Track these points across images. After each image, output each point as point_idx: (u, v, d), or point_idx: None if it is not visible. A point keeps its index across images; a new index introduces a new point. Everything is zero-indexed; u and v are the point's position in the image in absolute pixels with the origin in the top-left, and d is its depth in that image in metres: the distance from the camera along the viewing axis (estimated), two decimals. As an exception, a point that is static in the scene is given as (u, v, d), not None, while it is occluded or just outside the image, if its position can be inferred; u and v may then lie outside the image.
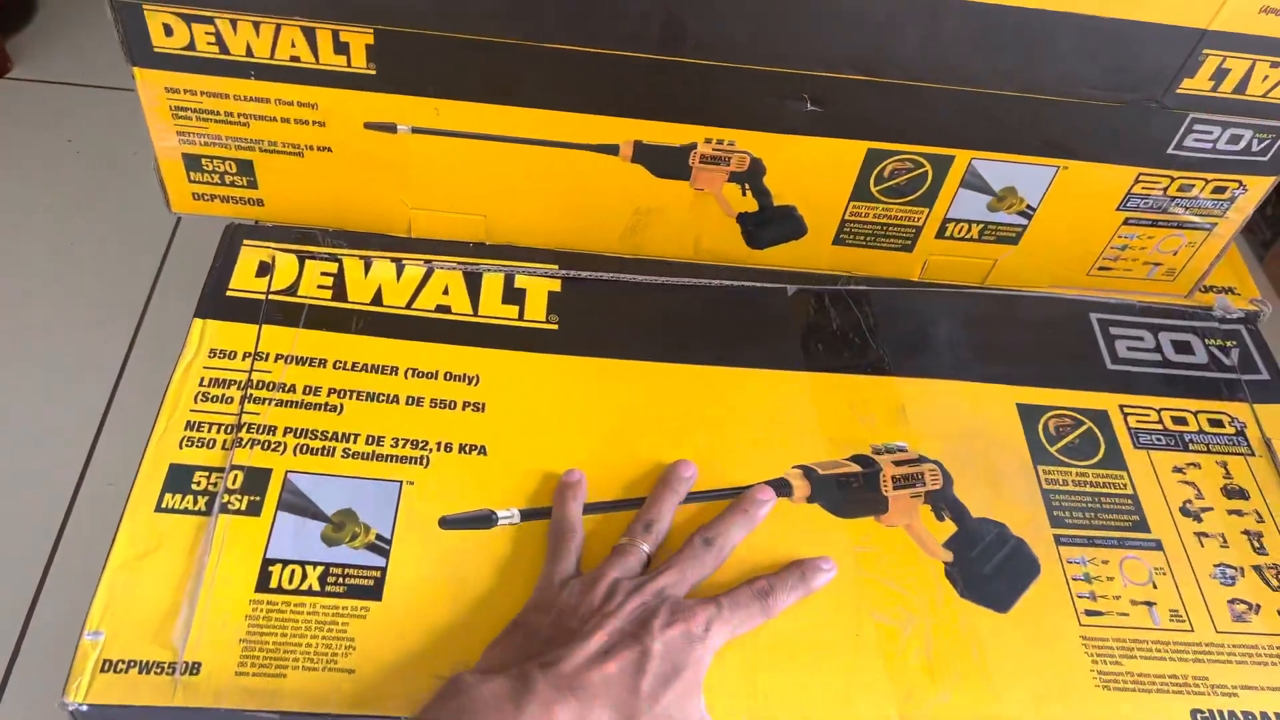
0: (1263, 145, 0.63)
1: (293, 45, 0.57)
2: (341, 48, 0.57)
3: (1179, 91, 0.59)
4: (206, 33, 0.56)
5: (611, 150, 0.62)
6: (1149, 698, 0.52)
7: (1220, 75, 0.58)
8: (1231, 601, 0.56)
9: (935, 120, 0.61)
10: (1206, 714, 0.52)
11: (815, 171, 0.64)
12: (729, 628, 0.49)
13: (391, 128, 0.61)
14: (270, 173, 0.64)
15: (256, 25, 0.56)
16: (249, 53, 0.57)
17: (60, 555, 0.64)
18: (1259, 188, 0.65)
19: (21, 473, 0.69)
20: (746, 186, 0.65)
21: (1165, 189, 0.65)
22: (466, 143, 0.62)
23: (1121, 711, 0.51)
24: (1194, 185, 0.65)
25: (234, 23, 0.56)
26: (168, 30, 0.56)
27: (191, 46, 0.57)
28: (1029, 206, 0.66)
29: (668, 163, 0.63)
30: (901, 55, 0.57)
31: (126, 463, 0.54)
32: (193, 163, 0.63)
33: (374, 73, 0.58)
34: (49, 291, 0.79)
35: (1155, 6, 0.54)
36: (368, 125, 0.61)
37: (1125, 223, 0.67)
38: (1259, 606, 0.56)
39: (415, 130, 0.61)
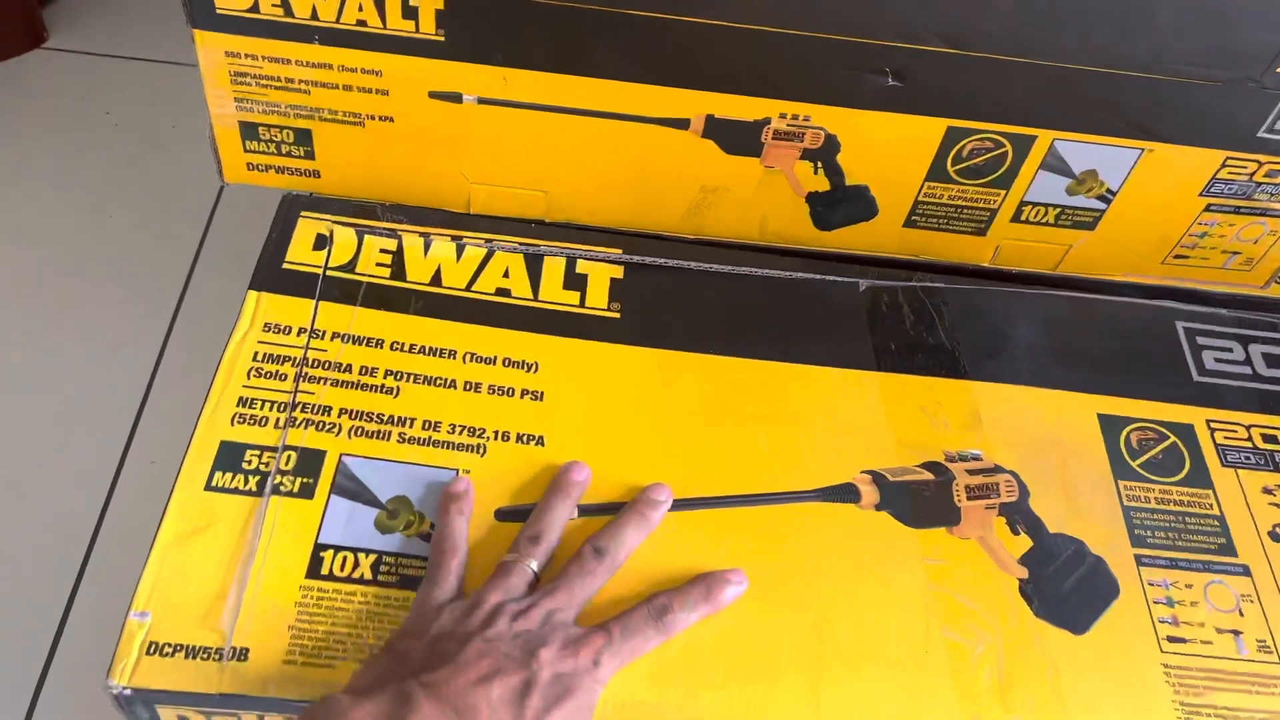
0: (1356, 130, 0.59)
1: (360, 9, 0.55)
2: (410, 12, 0.55)
3: (1279, 71, 0.55)
4: (272, -7, 0.55)
5: (682, 125, 0.60)
6: (1234, 733, 0.49)
7: None
8: (1323, 634, 0.53)
9: (1019, 98, 0.58)
10: (1294, 753, 0.49)
11: (891, 150, 0.61)
12: (620, 658, 0.46)
13: (457, 98, 0.59)
14: (329, 143, 0.62)
15: (324, -13, 0.54)
16: (314, 16, 0.56)
17: (103, 532, 0.63)
18: (1347, 173, 0.62)
19: (64, 448, 0.69)
20: (819, 164, 0.62)
21: (1252, 174, 0.62)
22: (532, 115, 0.60)
23: (1204, 746, 0.49)
24: (1281, 170, 0.62)
25: (300, -18, 0.54)
26: (233, -10, 0.55)
27: (255, 9, 0.56)
28: (1109, 190, 0.63)
29: (739, 138, 0.61)
30: (990, 27, 0.54)
31: (168, 441, 0.53)
32: (249, 131, 0.62)
33: (442, 39, 0.57)
34: (90, 265, 0.78)
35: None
36: (433, 95, 0.59)
37: (1207, 209, 0.64)
38: (1352, 641, 0.53)
39: (481, 101, 0.59)
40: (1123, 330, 0.65)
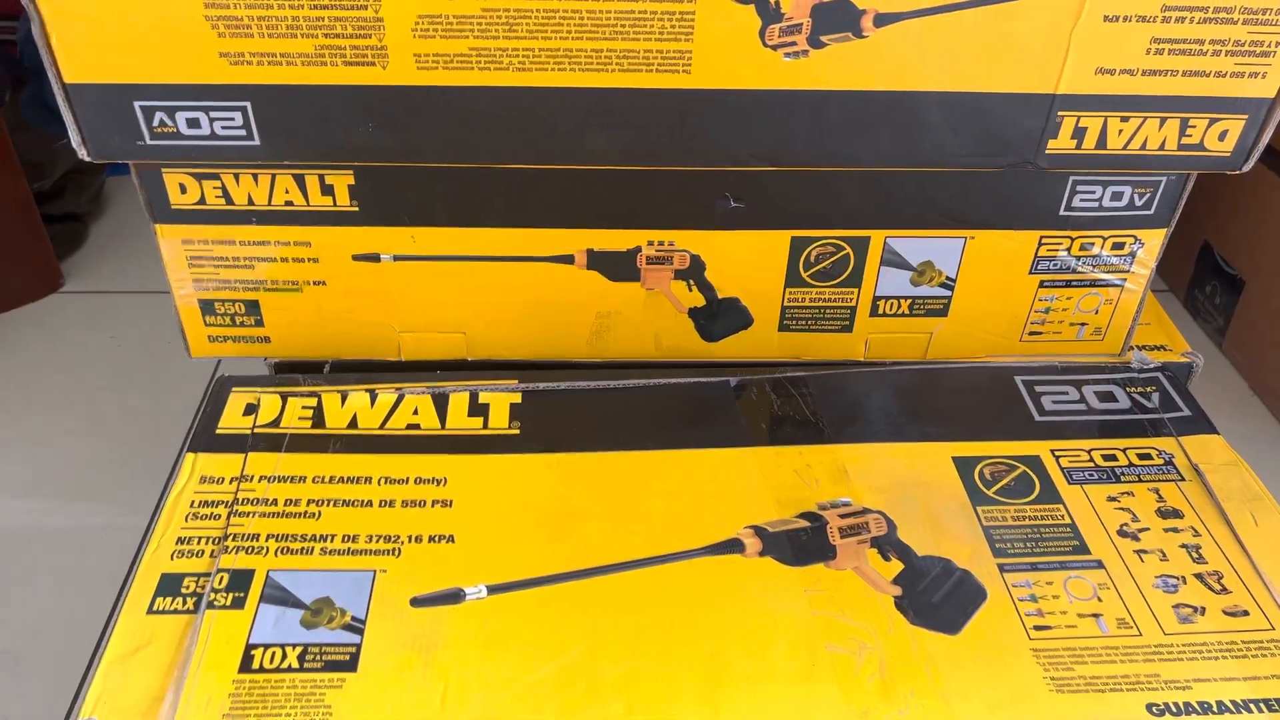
0: (1144, 199, 0.70)
1: (286, 191, 0.66)
2: (327, 189, 0.66)
3: (1049, 153, 0.65)
4: (214, 187, 0.66)
5: (568, 260, 0.70)
6: (1104, 697, 0.53)
7: (1080, 134, 0.64)
8: (1176, 606, 0.58)
9: (844, 203, 0.69)
10: (1162, 707, 0.53)
11: (749, 262, 0.71)
12: None
13: (375, 258, 0.70)
14: (274, 310, 0.72)
15: (255, 176, 0.66)
16: (250, 201, 0.67)
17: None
18: (1154, 240, 0.72)
19: (58, 616, 0.75)
20: (691, 282, 0.72)
21: (1068, 249, 0.72)
22: (442, 265, 0.70)
23: (1078, 711, 0.53)
24: (1093, 243, 0.72)
25: (237, 175, 0.66)
26: (183, 188, 0.66)
27: (202, 201, 0.67)
28: (949, 278, 0.73)
29: (618, 266, 0.71)
30: (797, 145, 0.64)
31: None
32: (207, 307, 0.72)
33: (357, 209, 0.67)
34: (88, 460, 0.88)
35: (1003, 78, 0.62)
36: (355, 257, 0.70)
37: (1041, 285, 0.74)
38: (1204, 609, 0.58)
39: (396, 258, 0.70)
40: (967, 389, 0.73)
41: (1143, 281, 0.74)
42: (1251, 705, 0.53)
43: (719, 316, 0.74)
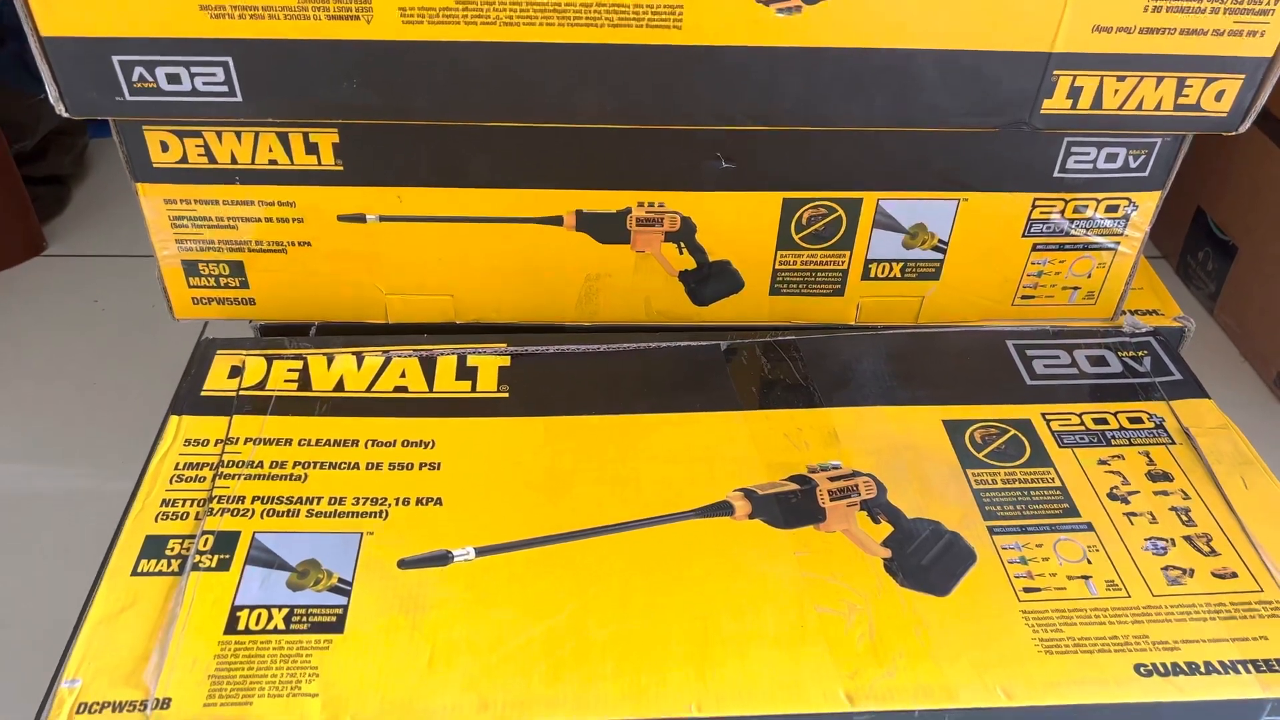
0: (1139, 161, 0.69)
1: (270, 150, 0.65)
2: (311, 148, 0.65)
3: (1044, 112, 0.64)
4: (196, 145, 0.65)
5: (556, 221, 0.70)
6: (1092, 658, 0.53)
7: (1075, 93, 0.64)
8: (1165, 569, 0.58)
9: (836, 164, 0.68)
10: (1150, 667, 0.53)
11: (740, 224, 0.71)
12: None
13: (361, 218, 0.69)
14: (259, 271, 0.71)
15: (238, 134, 0.64)
16: (233, 160, 0.66)
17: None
18: (1148, 203, 0.71)
19: (45, 575, 0.74)
20: (682, 245, 0.71)
21: (1061, 211, 0.71)
22: (428, 226, 0.69)
23: (1066, 671, 0.53)
24: (1087, 206, 0.71)
25: (219, 134, 0.64)
26: (164, 146, 0.65)
27: (185, 160, 0.65)
28: (941, 241, 0.72)
29: (608, 228, 0.70)
30: (789, 103, 0.63)
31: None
32: (191, 268, 0.71)
33: (342, 168, 0.66)
34: (75, 426, 0.87)
35: (999, 36, 0.61)
36: (340, 218, 0.69)
37: (1034, 248, 0.73)
38: (1192, 570, 0.58)
39: (382, 219, 0.69)
40: (958, 353, 0.73)
41: (1136, 245, 0.74)
42: (1239, 666, 0.53)
43: (710, 279, 0.73)
